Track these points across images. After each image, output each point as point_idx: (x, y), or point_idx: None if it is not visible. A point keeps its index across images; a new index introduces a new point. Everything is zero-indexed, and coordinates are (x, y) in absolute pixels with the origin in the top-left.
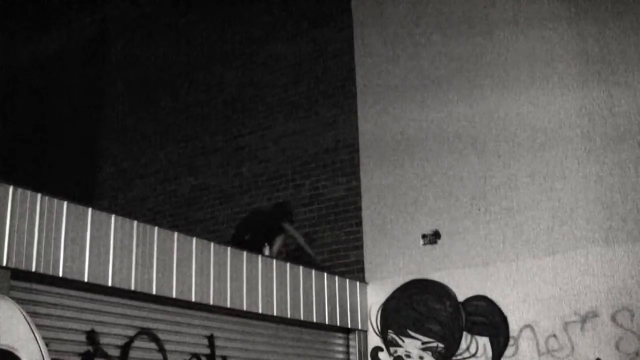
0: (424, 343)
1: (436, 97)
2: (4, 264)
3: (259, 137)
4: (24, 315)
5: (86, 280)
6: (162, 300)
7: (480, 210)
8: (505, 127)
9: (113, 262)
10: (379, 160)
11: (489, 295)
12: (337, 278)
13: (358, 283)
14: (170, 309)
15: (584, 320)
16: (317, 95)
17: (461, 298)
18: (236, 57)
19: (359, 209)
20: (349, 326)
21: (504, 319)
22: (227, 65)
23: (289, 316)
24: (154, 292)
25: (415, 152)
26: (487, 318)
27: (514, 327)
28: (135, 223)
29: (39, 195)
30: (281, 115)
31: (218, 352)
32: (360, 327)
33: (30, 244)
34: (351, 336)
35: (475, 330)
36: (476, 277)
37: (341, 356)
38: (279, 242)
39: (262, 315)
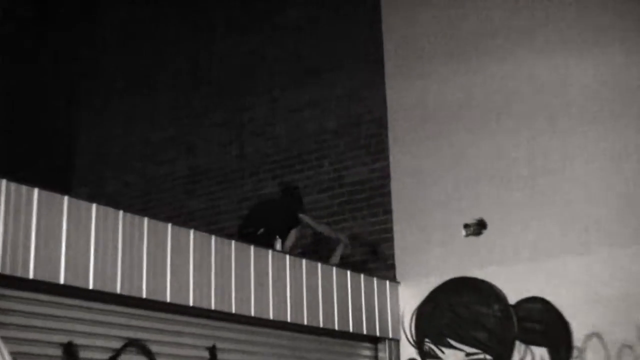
0: (467, 354)
1: (478, 60)
2: None
3: (267, 110)
4: None
5: (62, 282)
6: (153, 305)
7: (534, 194)
8: (561, 95)
9: (94, 261)
10: (411, 135)
11: (547, 297)
12: (362, 277)
13: (387, 282)
14: (163, 315)
15: None
16: (336, 60)
17: (512, 300)
18: (239, 17)
19: (388, 194)
20: (377, 334)
21: (565, 325)
22: (229, 27)
23: (305, 323)
24: (144, 296)
25: (455, 126)
26: (545, 324)
27: (577, 334)
28: (121, 213)
29: (4, 182)
30: (293, 84)
31: None
32: (390, 336)
33: None
34: (380, 346)
35: (530, 339)
36: (530, 274)
37: None
38: (293, 236)
39: (273, 322)
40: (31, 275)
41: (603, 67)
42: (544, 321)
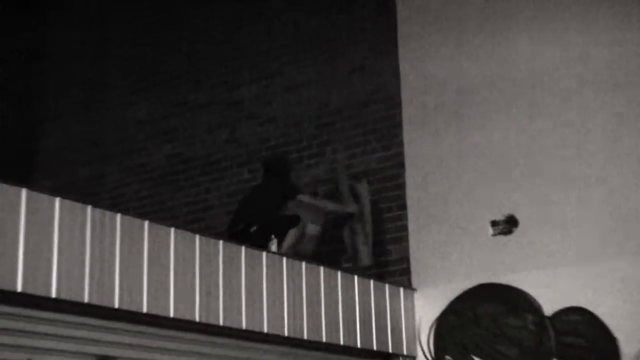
0: None
1: (513, 27)
2: None
3: (260, 88)
4: None
5: (19, 289)
6: (127, 317)
7: (575, 186)
8: (603, 74)
9: (58, 264)
10: (430, 117)
11: (590, 307)
12: (371, 283)
13: (401, 289)
14: (139, 328)
15: None
16: (340, 29)
17: (549, 310)
18: None
19: (402, 186)
20: (390, 350)
21: (612, 341)
22: None
23: (305, 337)
24: (116, 305)
25: (482, 106)
26: (587, 339)
27: (627, 351)
28: (89, 209)
29: None
30: (291, 58)
31: None
32: (405, 352)
33: None
34: None
35: (570, 356)
36: (570, 280)
37: None
38: (292, 235)
39: (267, 335)
40: None
41: None
42: (586, 336)
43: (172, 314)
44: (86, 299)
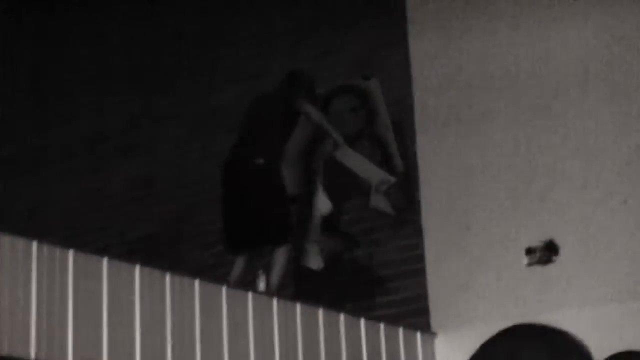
0: None
1: (544, 17)
2: None
3: (241, 92)
4: None
5: None
6: None
7: (627, 203)
8: None
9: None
10: (449, 120)
11: None
12: (381, 326)
13: (418, 334)
14: None
15: None
16: (339, 13)
17: (599, 356)
18: None
19: (416, 204)
20: None
21: None
22: None
23: None
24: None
25: (514, 105)
26: None
27: None
28: (35, 244)
29: None
30: (278, 54)
31: None
32: None
33: None
34: None
35: None
36: (624, 319)
37: None
38: (280, 261)
39: None
40: None
41: None
42: None
43: None
44: (32, 356)
